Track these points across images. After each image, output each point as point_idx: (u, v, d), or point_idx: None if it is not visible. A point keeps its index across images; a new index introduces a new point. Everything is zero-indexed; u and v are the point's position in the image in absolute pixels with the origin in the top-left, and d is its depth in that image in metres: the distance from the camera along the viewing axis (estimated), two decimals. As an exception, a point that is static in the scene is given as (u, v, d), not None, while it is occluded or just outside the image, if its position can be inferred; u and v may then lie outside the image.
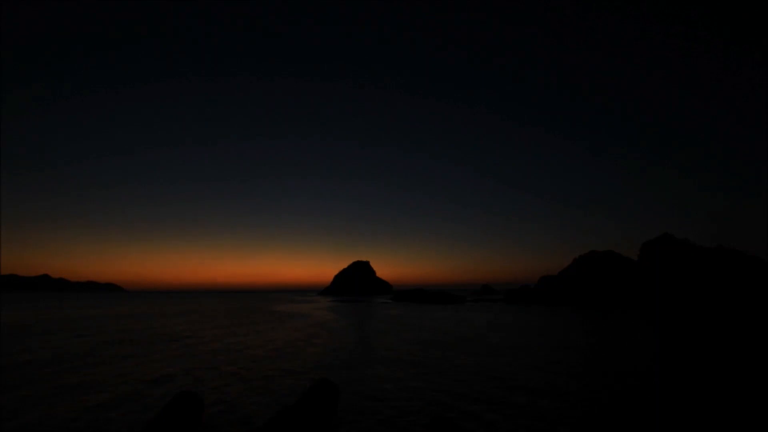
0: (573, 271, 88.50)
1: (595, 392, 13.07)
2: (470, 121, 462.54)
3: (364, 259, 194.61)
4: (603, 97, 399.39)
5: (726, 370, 16.48)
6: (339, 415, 10.44)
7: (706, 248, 73.06)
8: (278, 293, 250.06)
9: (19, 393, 12.84)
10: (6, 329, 32.14)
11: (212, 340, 26.15)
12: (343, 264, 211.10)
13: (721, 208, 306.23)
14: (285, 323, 40.02)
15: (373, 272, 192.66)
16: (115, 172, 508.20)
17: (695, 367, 17.10)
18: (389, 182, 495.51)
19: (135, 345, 23.94)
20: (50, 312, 57.70)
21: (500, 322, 39.51)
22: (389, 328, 34.82)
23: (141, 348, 22.69)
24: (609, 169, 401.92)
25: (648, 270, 74.80)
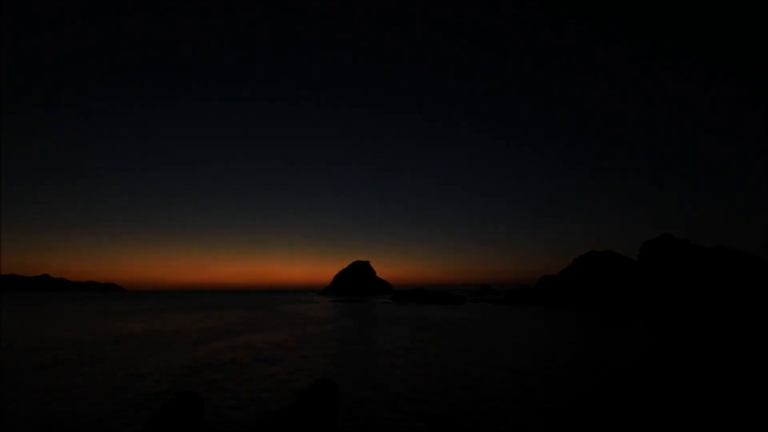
0: (573, 271, 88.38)
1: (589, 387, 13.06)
2: (466, 129, 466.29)
3: (364, 259, 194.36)
4: (600, 101, 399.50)
5: (726, 370, 16.45)
6: (339, 416, 10.41)
7: (706, 248, 73.00)
8: (278, 293, 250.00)
9: None
10: None
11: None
12: (343, 264, 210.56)
13: (722, 208, 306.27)
14: (285, 323, 39.99)
15: (373, 272, 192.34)
16: (116, 176, 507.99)
17: (695, 367, 17.07)
18: (390, 182, 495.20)
19: None
20: None
21: (499, 323, 39.48)
22: (389, 328, 34.79)
23: None
24: (609, 170, 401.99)
25: (648, 270, 74.72)
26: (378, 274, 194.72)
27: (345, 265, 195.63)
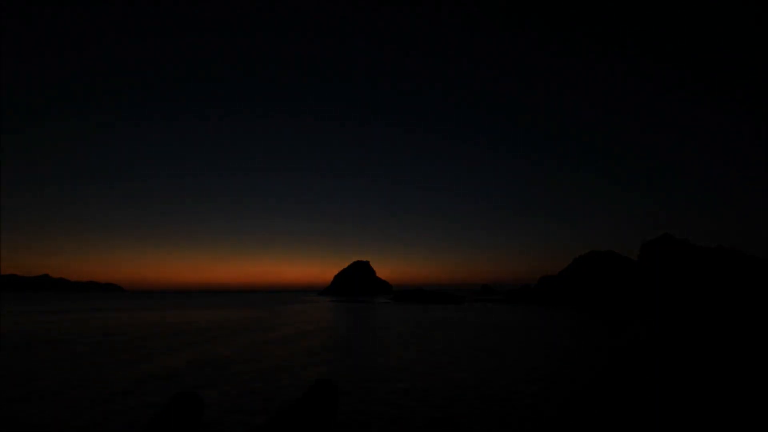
0: (573, 271, 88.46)
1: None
2: (465, 133, 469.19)
3: (364, 259, 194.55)
4: (599, 103, 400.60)
5: (726, 370, 16.45)
6: (339, 417, 10.42)
7: (706, 248, 73.07)
8: (278, 293, 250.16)
9: None
10: None
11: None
12: (343, 264, 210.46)
13: (722, 208, 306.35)
14: (284, 323, 40.00)
15: (373, 272, 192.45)
16: (117, 178, 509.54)
17: (695, 367, 17.07)
18: (390, 182, 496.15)
19: None
20: None
21: (498, 323, 39.49)
22: (389, 328, 34.81)
23: None
24: (609, 170, 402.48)
25: (648, 270, 74.76)
26: (378, 274, 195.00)
27: (345, 265, 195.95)
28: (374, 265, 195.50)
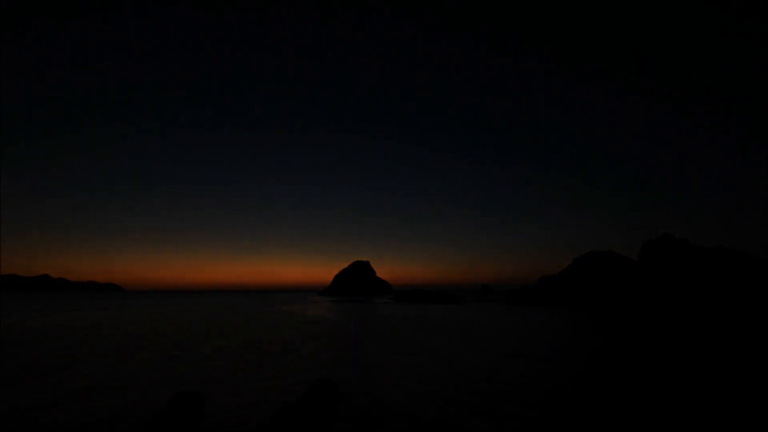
0: (573, 271, 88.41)
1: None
2: (466, 137, 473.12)
3: (364, 259, 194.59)
4: (599, 105, 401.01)
5: (726, 370, 16.46)
6: (339, 415, 10.44)
7: (706, 248, 73.05)
8: (278, 293, 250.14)
9: None
10: None
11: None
12: (343, 264, 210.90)
13: (722, 208, 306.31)
14: (284, 324, 39.99)
15: (373, 272, 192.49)
16: (114, 173, 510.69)
17: (695, 367, 17.09)
18: (390, 182, 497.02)
19: None
20: None
21: (498, 323, 39.48)
22: (389, 328, 34.81)
23: None
24: (610, 169, 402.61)
25: (648, 270, 74.75)
26: (378, 274, 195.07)
27: (345, 265, 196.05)
28: (374, 265, 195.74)
